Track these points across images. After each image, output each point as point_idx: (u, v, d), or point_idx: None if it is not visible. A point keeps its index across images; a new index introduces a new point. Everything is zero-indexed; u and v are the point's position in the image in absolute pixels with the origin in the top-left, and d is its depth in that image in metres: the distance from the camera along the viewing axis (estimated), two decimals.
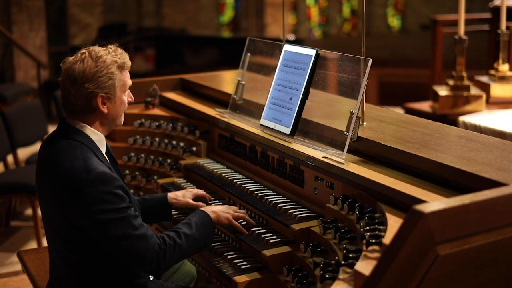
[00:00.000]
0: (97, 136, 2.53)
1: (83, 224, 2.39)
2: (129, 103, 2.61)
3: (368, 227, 2.18)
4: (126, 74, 2.56)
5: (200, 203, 3.01)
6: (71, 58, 2.50)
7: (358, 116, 2.69)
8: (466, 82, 4.85)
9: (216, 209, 2.75)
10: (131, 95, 2.63)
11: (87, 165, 2.38)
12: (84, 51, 2.50)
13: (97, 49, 2.52)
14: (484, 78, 5.18)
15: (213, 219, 2.69)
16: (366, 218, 2.28)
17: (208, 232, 2.65)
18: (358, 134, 2.72)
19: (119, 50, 2.56)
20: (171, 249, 2.46)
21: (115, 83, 2.50)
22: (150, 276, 2.65)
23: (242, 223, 2.82)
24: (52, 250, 2.56)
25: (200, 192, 3.08)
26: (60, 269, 2.54)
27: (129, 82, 2.58)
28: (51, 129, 2.59)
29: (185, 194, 3.02)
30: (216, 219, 2.72)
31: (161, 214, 2.98)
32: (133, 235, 2.37)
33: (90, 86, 2.44)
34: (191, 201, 3.01)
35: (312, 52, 2.99)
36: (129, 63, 2.57)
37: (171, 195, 3.00)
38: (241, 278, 2.55)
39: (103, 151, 2.56)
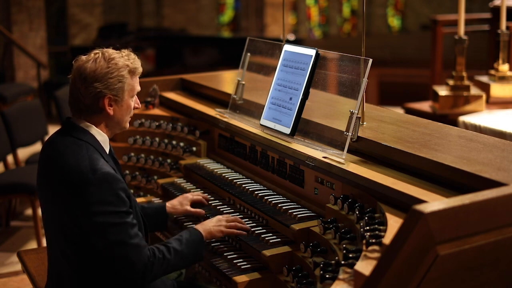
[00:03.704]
0: (102, 137, 2.54)
1: (82, 222, 2.40)
2: (135, 108, 2.63)
3: (368, 227, 2.18)
4: (136, 80, 2.59)
5: (199, 210, 3.02)
6: (83, 57, 2.52)
7: (358, 116, 2.69)
8: (466, 82, 4.86)
9: (209, 226, 2.75)
10: (138, 101, 2.65)
11: (93, 164, 2.39)
12: (97, 51, 2.53)
13: (110, 51, 2.54)
14: (484, 78, 5.19)
15: (205, 237, 2.70)
16: (366, 218, 2.28)
17: (198, 249, 2.66)
18: (358, 134, 2.72)
19: (132, 55, 2.58)
20: (159, 263, 2.48)
21: (124, 86, 2.52)
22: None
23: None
24: (55, 250, 2.55)
25: (196, 197, 3.09)
26: (63, 269, 2.53)
27: (138, 88, 2.61)
28: (51, 129, 2.60)
29: (182, 202, 3.04)
30: (210, 236, 2.73)
31: (157, 224, 2.99)
32: (128, 244, 2.39)
33: (99, 86, 2.46)
34: (189, 208, 3.02)
35: (312, 52, 2.99)
36: (140, 69, 2.59)
37: (168, 205, 3.01)
38: (241, 278, 2.55)
39: (107, 152, 2.57)
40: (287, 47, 3.19)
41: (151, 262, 2.45)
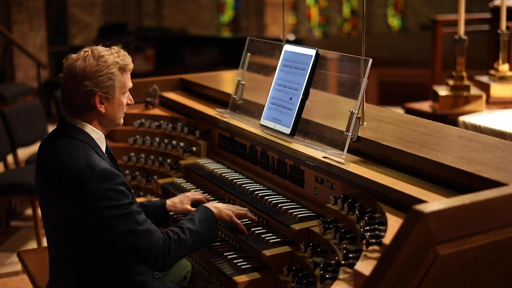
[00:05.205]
0: (97, 135, 2.54)
1: (87, 221, 2.40)
2: (128, 105, 2.62)
3: (368, 227, 2.18)
4: (127, 76, 2.57)
5: None
6: (73, 55, 2.51)
7: (358, 116, 2.69)
8: (466, 82, 4.86)
9: (219, 205, 2.78)
10: (131, 97, 2.63)
11: (90, 162, 2.39)
12: (87, 49, 2.52)
13: (100, 48, 2.53)
14: (484, 78, 5.18)
15: (215, 214, 2.71)
16: (366, 218, 2.28)
17: (211, 227, 2.67)
18: (358, 134, 2.72)
19: (122, 52, 2.56)
20: (176, 244, 2.48)
21: (115, 83, 2.50)
22: (155, 273, 2.66)
23: (244, 221, 2.82)
24: (52, 249, 2.57)
25: (197, 196, 3.08)
26: (60, 268, 2.54)
27: (130, 84, 2.59)
28: (51, 129, 2.61)
29: (183, 201, 3.03)
30: (218, 215, 2.74)
31: (158, 222, 2.99)
32: (137, 231, 2.39)
33: (89, 84, 2.45)
34: (189, 207, 3.02)
35: (312, 52, 2.99)
36: (131, 65, 2.58)
37: (169, 202, 3.00)
38: (241, 278, 2.55)
39: (103, 149, 2.57)
40: (287, 47, 3.19)
41: (167, 245, 2.45)
